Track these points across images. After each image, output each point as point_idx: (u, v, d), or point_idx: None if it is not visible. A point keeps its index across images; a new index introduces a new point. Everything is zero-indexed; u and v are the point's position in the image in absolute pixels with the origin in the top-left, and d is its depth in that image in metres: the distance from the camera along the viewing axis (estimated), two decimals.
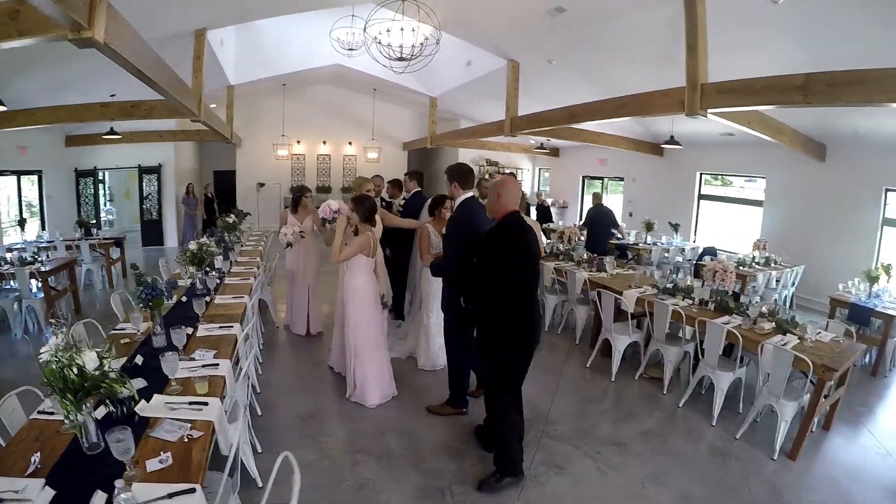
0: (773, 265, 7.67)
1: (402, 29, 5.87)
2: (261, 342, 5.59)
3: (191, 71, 6.55)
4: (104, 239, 7.98)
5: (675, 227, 9.45)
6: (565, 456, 3.69)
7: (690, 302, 5.01)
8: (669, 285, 5.41)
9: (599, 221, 8.71)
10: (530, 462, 3.56)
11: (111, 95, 7.02)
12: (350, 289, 4.25)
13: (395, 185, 6.77)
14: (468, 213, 3.72)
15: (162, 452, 2.04)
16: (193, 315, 3.81)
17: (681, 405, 4.49)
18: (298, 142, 14.23)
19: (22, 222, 8.22)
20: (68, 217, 8.91)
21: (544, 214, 11.47)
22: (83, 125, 8.60)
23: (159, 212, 11.30)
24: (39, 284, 5.67)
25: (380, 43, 6.09)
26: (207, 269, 5.10)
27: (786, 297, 7.84)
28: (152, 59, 4.30)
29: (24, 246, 6.96)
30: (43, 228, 8.73)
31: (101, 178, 10.86)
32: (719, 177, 10.22)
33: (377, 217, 4.87)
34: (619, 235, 9.20)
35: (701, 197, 10.34)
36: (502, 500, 3.16)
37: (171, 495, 1.79)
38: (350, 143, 14.74)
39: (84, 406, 2.05)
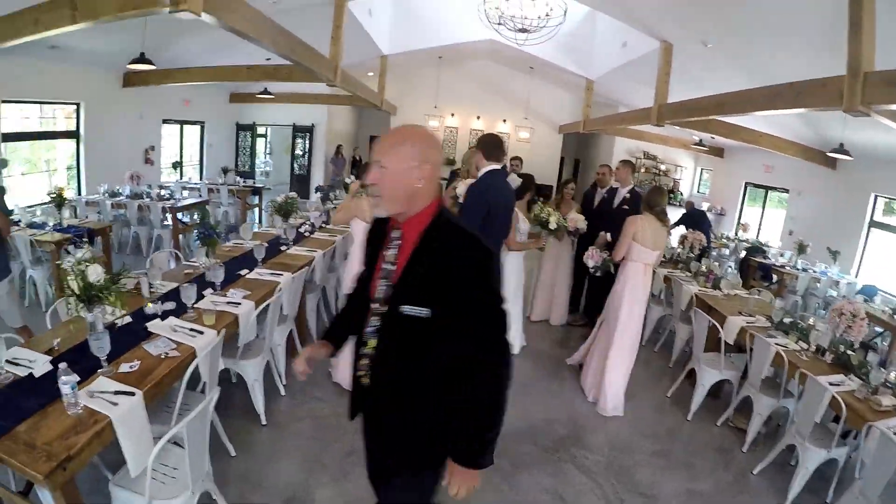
0: None
1: None
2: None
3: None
4: (243, 186, 9.56)
5: (834, 255, 8.00)
6: (578, 490, 3.42)
7: (805, 346, 4.21)
8: (787, 320, 4.63)
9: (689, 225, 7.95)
10: (533, 484, 3.42)
11: (266, 59, 8.21)
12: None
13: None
14: (485, 184, 3.80)
15: (136, 360, 2.56)
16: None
17: (755, 472, 3.81)
18: (452, 114, 14.89)
19: (176, 164, 10.24)
20: (226, 165, 10.79)
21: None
22: (246, 84, 10.28)
23: (308, 168, 13.02)
24: (170, 218, 7.15)
25: (502, 14, 6.18)
26: (302, 221, 5.85)
27: None
28: (267, 26, 5.01)
29: (173, 186, 8.71)
30: (201, 173, 10.75)
31: (259, 132, 12.94)
32: None
33: None
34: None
35: (872, 224, 8.48)
36: None
37: (116, 392, 2.27)
38: (504, 121, 14.97)
39: (96, 309, 2.67)
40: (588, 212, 5.99)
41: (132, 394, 2.27)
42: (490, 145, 3.85)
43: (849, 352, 4.00)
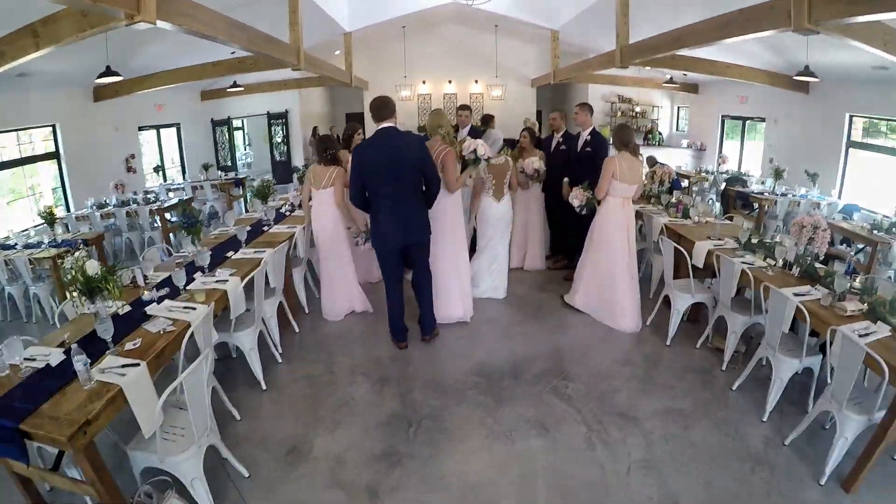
0: None
1: None
2: None
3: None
4: (224, 180, 9.87)
5: (813, 178, 8.16)
6: (558, 418, 3.65)
7: (772, 263, 4.41)
8: (755, 240, 4.86)
9: None
10: (516, 416, 3.66)
11: (231, 53, 8.36)
12: None
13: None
14: (361, 146, 4.33)
15: (138, 338, 2.90)
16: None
17: (734, 388, 3.97)
18: (424, 82, 14.95)
19: (158, 168, 10.55)
20: (206, 161, 11.07)
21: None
22: (215, 80, 10.49)
23: (288, 153, 13.33)
24: (158, 220, 7.48)
25: None
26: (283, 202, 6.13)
27: None
28: (223, 23, 5.17)
29: (157, 189, 9.01)
30: (184, 173, 11.06)
31: (235, 125, 13.24)
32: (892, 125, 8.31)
33: None
34: None
35: (850, 144, 8.59)
36: (467, 450, 3.34)
37: (123, 366, 2.61)
38: (476, 82, 15.03)
39: (97, 300, 2.99)
40: (547, 157, 6.23)
41: (137, 364, 2.61)
42: (376, 107, 4.20)
43: (816, 264, 4.16)
